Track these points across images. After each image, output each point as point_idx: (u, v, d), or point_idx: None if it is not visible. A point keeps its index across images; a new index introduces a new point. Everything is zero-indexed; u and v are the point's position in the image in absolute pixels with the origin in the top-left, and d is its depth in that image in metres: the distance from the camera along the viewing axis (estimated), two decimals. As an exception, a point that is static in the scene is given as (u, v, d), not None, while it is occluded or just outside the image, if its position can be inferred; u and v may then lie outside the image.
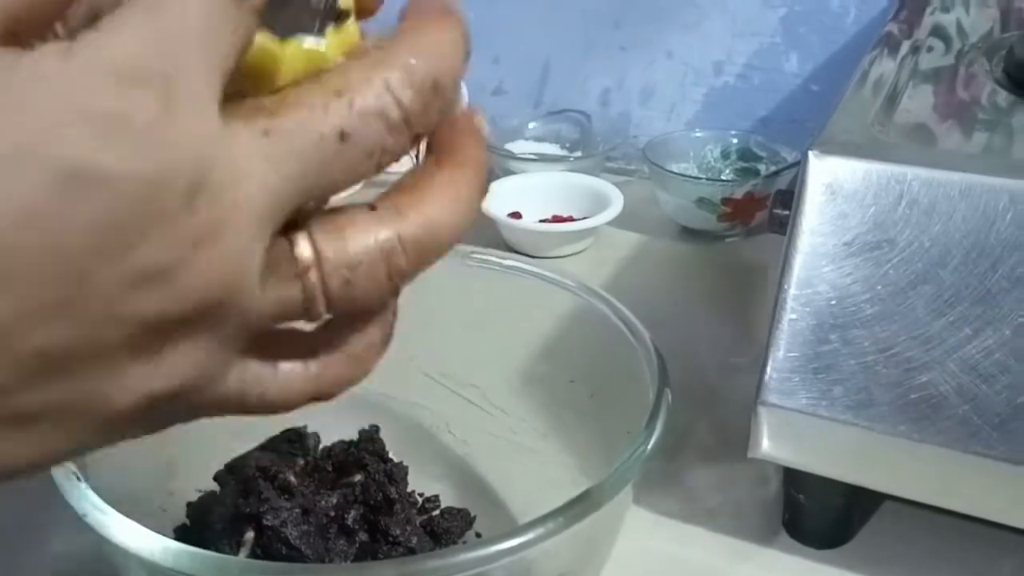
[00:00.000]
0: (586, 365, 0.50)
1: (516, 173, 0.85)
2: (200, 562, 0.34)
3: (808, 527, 0.50)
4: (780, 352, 0.43)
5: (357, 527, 0.45)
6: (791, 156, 0.81)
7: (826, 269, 0.42)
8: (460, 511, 0.49)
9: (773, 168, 0.81)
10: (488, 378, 0.53)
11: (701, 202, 0.79)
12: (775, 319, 0.43)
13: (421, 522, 0.48)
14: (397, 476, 0.49)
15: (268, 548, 0.43)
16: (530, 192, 0.82)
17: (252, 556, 0.43)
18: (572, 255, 0.79)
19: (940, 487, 0.42)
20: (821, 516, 0.50)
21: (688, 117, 0.93)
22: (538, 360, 0.51)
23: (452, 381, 0.54)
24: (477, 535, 0.49)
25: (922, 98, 0.51)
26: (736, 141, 0.86)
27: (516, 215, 0.79)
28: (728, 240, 0.81)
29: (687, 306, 0.72)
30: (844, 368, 0.42)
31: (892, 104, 0.50)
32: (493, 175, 0.85)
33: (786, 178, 0.77)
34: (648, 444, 0.39)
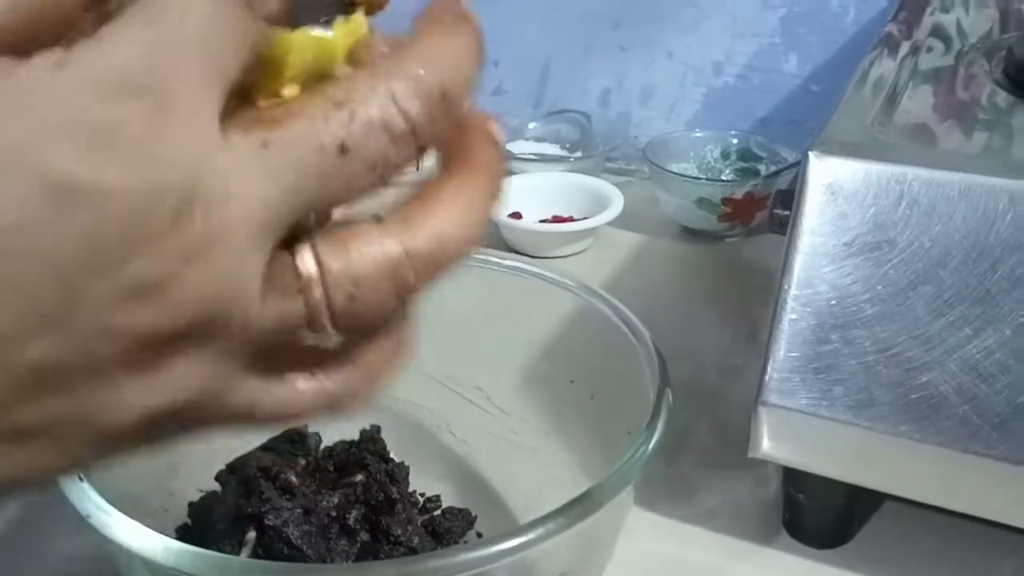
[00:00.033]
0: (587, 365, 0.50)
1: (516, 173, 0.85)
2: (202, 562, 0.34)
3: (808, 527, 0.50)
4: (780, 352, 0.43)
5: (358, 527, 0.46)
6: (791, 156, 0.81)
7: (826, 269, 0.42)
8: (461, 511, 0.50)
9: (773, 168, 0.81)
10: (489, 378, 0.53)
11: (701, 202, 0.79)
12: (775, 319, 0.43)
13: (422, 522, 0.48)
14: (398, 476, 0.49)
15: (270, 548, 0.43)
16: (530, 192, 0.82)
17: (254, 556, 0.43)
18: (572, 255, 0.79)
19: (940, 487, 0.43)
20: (821, 516, 0.50)
21: (688, 117, 0.93)
22: (539, 360, 0.52)
23: (453, 381, 0.54)
24: (478, 535, 0.49)
25: (922, 98, 0.51)
26: (736, 141, 0.86)
27: (516, 215, 0.79)
28: (728, 240, 0.81)
29: (687, 306, 0.72)
30: (844, 368, 0.42)
31: (892, 104, 0.50)
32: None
33: (786, 178, 0.77)
34: (649, 444, 0.39)
